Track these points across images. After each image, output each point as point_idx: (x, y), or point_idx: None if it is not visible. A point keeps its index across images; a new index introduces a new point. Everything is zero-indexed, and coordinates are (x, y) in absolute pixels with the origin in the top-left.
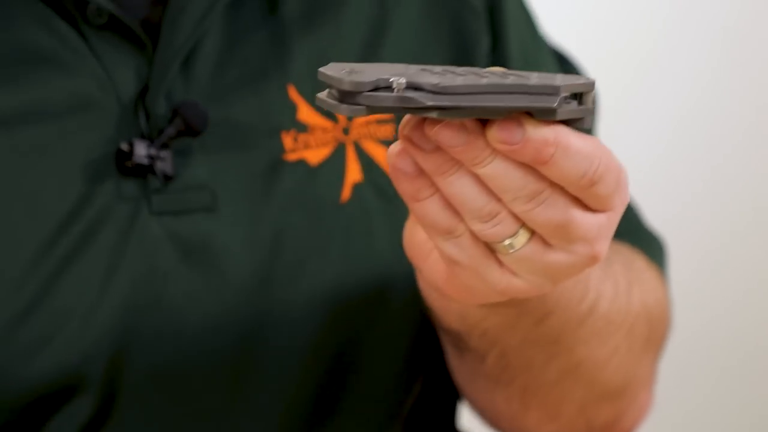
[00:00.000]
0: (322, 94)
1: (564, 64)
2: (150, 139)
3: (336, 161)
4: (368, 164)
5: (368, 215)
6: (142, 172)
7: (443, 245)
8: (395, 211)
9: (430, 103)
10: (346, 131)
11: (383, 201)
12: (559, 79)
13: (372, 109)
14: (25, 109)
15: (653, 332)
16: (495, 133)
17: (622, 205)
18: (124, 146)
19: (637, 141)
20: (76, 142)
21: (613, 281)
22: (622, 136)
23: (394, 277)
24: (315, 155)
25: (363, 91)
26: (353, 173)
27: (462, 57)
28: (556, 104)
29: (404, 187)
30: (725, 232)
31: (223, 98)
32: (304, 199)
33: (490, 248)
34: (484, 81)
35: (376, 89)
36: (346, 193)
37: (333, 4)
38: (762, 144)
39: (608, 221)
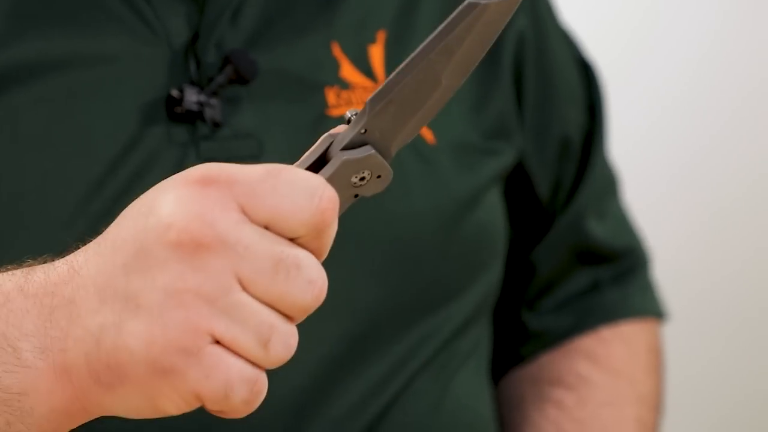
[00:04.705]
0: None
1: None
2: (200, 86)
3: None
4: None
5: (404, 174)
6: (191, 118)
7: None
8: (431, 170)
9: None
10: None
11: (419, 160)
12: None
13: None
14: (80, 52)
15: None
16: None
17: None
18: (175, 92)
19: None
20: (127, 87)
21: None
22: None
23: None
24: None
25: None
26: None
27: None
28: None
29: None
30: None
31: (271, 49)
32: None
33: None
34: None
35: None
36: None
37: None
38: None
39: None
